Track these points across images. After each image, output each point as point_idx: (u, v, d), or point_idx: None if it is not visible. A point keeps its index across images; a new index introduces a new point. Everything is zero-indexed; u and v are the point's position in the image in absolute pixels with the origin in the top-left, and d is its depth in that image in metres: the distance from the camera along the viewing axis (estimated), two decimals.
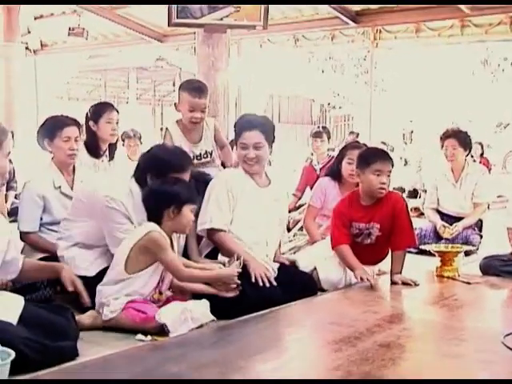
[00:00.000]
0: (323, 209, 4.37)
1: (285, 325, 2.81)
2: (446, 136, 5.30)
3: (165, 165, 3.08)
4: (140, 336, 2.72)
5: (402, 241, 3.62)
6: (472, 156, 8.81)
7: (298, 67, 19.12)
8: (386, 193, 3.66)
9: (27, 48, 11.28)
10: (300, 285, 3.40)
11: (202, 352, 2.44)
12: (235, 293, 3.04)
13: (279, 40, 10.68)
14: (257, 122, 3.51)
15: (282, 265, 3.60)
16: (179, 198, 2.92)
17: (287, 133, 19.53)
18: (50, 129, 3.66)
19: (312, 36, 10.35)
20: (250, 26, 6.28)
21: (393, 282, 3.55)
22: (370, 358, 2.22)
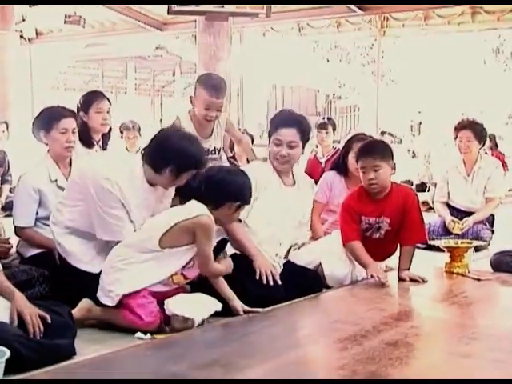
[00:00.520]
0: (329, 204, 4.37)
1: (288, 323, 2.81)
2: (461, 127, 5.24)
3: (194, 161, 2.99)
4: (139, 334, 2.72)
5: (412, 236, 3.61)
6: (484, 149, 8.79)
7: (302, 56, 19.07)
8: (395, 186, 3.65)
9: (22, 36, 11.26)
10: (305, 282, 3.40)
11: (203, 351, 2.44)
12: None
13: (283, 28, 10.67)
14: (295, 120, 3.53)
15: (288, 261, 3.60)
16: (243, 197, 3.00)
17: None
18: (47, 120, 3.65)
19: (317, 24, 10.33)
20: (253, 14, 6.28)
21: (400, 279, 3.55)
22: (377, 357, 2.22)
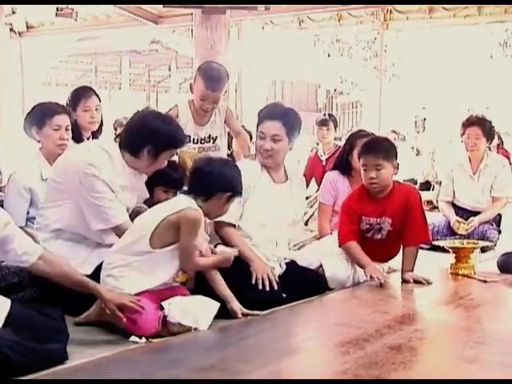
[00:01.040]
0: (334, 205, 4.35)
1: (288, 326, 2.82)
2: (470, 123, 5.22)
3: (170, 139, 3.09)
4: (134, 338, 2.72)
5: (415, 236, 3.62)
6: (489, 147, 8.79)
7: (303, 50, 19.04)
8: (397, 185, 3.66)
9: (12, 30, 11.22)
10: (308, 283, 3.42)
11: (200, 355, 2.44)
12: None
13: (282, 21, 10.65)
14: (280, 113, 3.52)
15: (291, 262, 3.60)
16: (232, 187, 2.95)
17: None
18: (39, 116, 3.64)
19: (317, 17, 10.31)
20: (252, 7, 6.28)
21: (404, 281, 3.55)
22: (380, 362, 2.22)
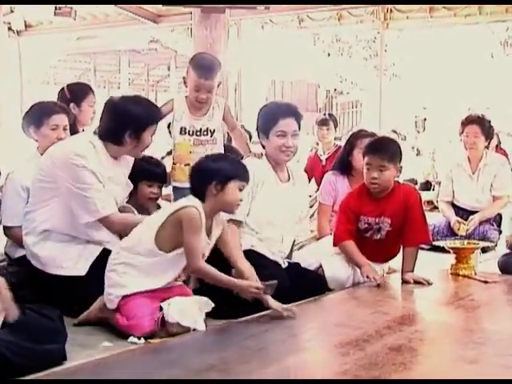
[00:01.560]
0: (334, 205, 4.36)
1: (288, 327, 2.81)
2: (469, 121, 5.24)
3: (145, 118, 3.19)
4: (133, 339, 2.72)
5: (415, 237, 3.62)
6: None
7: (303, 50, 19.02)
8: (397, 185, 3.66)
9: (10, 29, 11.21)
10: (308, 284, 3.42)
11: (199, 356, 2.44)
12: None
13: (282, 21, 10.64)
14: (293, 109, 3.59)
15: (291, 263, 3.61)
16: (222, 173, 2.91)
17: None
18: (37, 116, 3.65)
19: (317, 16, 10.29)
20: (251, 6, 6.27)
21: (404, 281, 3.55)
22: (380, 363, 2.22)
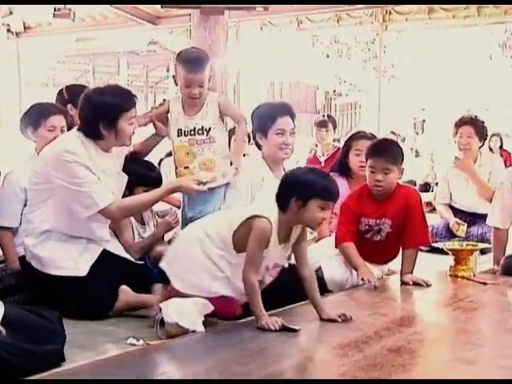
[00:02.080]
0: (333, 207, 4.35)
1: (287, 328, 2.81)
2: (462, 122, 5.26)
3: (114, 107, 3.16)
4: (131, 340, 2.72)
5: (415, 238, 3.62)
6: (491, 149, 8.82)
7: (301, 51, 19.04)
8: (398, 187, 3.66)
9: (9, 30, 11.22)
10: None
11: (198, 358, 2.44)
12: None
13: (281, 22, 10.65)
14: (289, 108, 3.66)
15: (290, 264, 3.60)
16: (304, 190, 2.73)
17: None
18: (35, 117, 3.66)
19: (316, 18, 10.31)
20: (250, 7, 6.28)
21: (403, 283, 3.55)
22: (379, 364, 2.22)
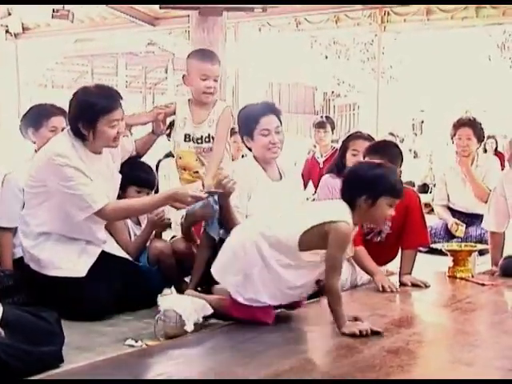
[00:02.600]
0: None
1: (285, 329, 2.81)
2: (461, 124, 5.25)
3: (93, 108, 3.12)
4: (130, 341, 2.72)
5: (414, 239, 3.63)
6: (486, 151, 8.83)
7: (300, 53, 19.08)
8: None
9: (7, 31, 11.21)
10: None
11: (198, 358, 2.44)
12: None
13: (279, 23, 10.64)
14: (271, 106, 3.61)
15: None
16: (374, 187, 2.76)
17: (288, 123, 19.48)
18: (36, 117, 3.66)
19: (315, 19, 10.30)
20: (249, 8, 6.27)
21: (402, 283, 3.56)
22: (377, 365, 2.22)
